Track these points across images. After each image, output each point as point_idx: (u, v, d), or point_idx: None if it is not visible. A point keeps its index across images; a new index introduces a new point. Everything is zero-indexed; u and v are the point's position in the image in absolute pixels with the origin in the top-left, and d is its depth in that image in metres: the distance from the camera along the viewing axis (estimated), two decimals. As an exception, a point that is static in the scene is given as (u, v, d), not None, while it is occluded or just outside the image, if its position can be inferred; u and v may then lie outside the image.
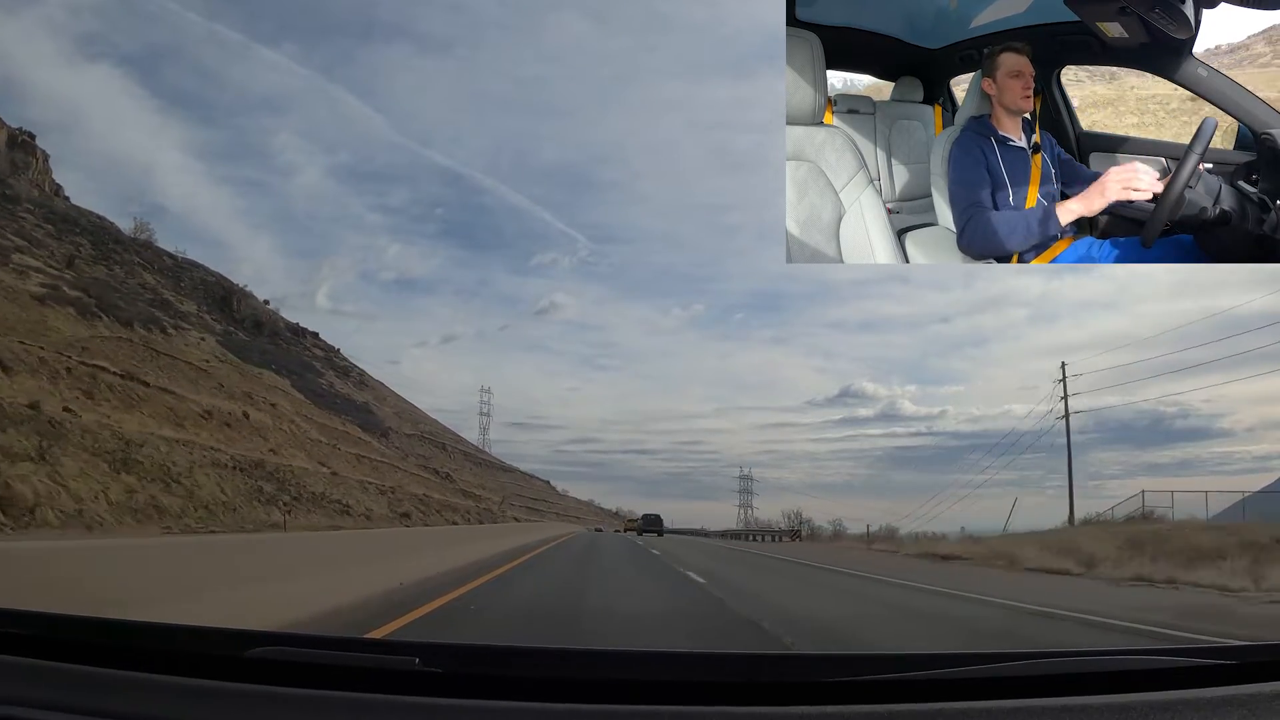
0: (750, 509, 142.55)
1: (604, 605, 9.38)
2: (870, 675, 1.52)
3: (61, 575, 4.34)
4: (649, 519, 59.18)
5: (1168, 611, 9.51)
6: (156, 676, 1.48)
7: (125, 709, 1.39)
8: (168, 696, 1.43)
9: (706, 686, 1.50)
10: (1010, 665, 1.59)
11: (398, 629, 6.42)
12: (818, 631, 7.68)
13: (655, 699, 1.44)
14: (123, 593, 4.38)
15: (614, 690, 1.47)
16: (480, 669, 1.58)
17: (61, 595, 3.93)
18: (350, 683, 1.46)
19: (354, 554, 9.97)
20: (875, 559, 24.63)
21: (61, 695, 1.42)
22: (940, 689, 1.49)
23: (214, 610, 5.11)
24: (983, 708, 1.43)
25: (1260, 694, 1.51)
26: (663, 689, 1.48)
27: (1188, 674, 1.61)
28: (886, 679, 1.51)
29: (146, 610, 3.96)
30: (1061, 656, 1.66)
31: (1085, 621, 8.44)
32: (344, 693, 1.43)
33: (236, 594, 5.78)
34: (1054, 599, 10.81)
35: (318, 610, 6.62)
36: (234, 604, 5.57)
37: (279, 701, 1.42)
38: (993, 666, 1.58)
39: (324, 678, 1.48)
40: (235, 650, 1.57)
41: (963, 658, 1.62)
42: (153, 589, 4.74)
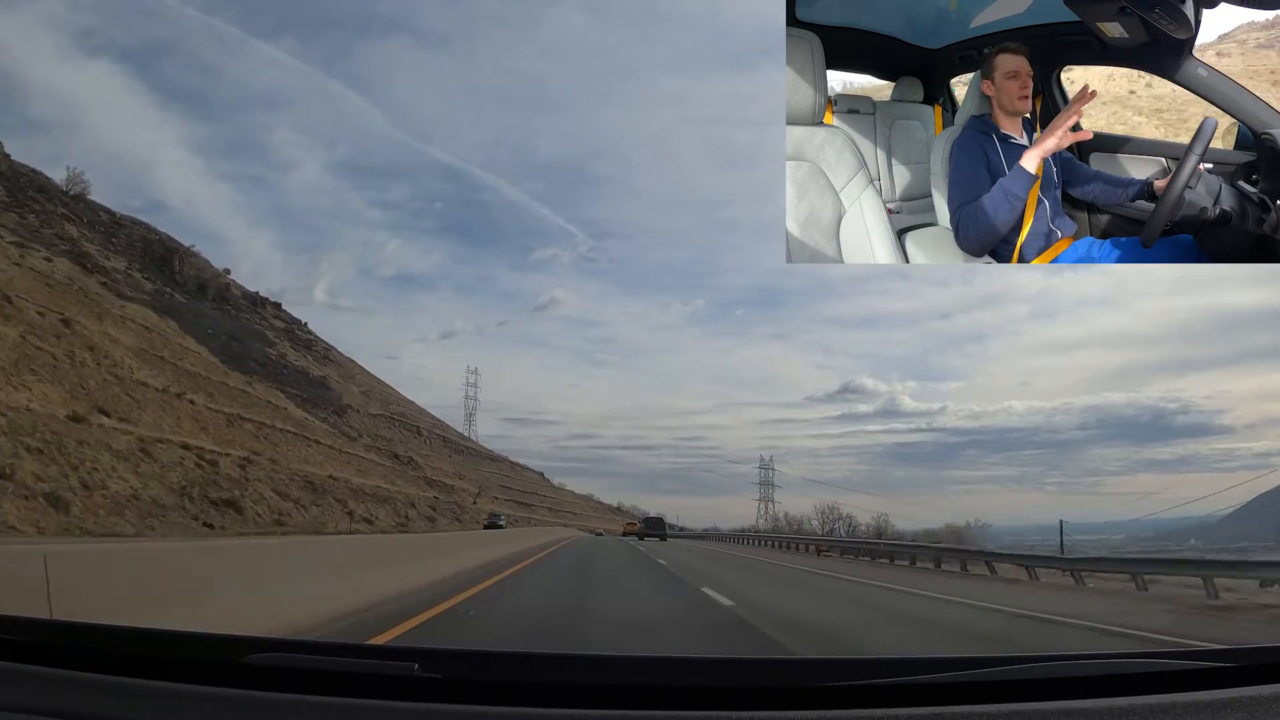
0: (771, 503, 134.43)
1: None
2: (869, 679, 1.52)
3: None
4: (650, 522, 57.84)
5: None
6: (155, 683, 1.48)
7: (125, 715, 1.40)
8: (166, 703, 1.43)
9: (706, 691, 1.50)
10: (1008, 669, 1.59)
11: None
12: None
13: (655, 704, 1.44)
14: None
15: (614, 695, 1.47)
16: (479, 674, 1.59)
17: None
18: (349, 689, 1.46)
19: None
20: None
21: (60, 701, 1.42)
22: (939, 693, 1.49)
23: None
24: (982, 711, 1.43)
25: (1258, 696, 1.52)
26: (662, 694, 1.48)
27: (1186, 677, 1.61)
28: (885, 683, 1.51)
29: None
30: (1059, 660, 1.66)
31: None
32: (343, 699, 1.43)
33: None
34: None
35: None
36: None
37: (278, 708, 1.42)
38: (991, 670, 1.58)
39: (323, 684, 1.48)
40: (234, 656, 1.57)
41: (961, 661, 1.62)
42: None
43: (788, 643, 6.83)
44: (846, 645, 7.23)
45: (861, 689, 1.49)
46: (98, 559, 5.01)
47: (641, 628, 8.12)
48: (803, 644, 6.96)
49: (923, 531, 65.76)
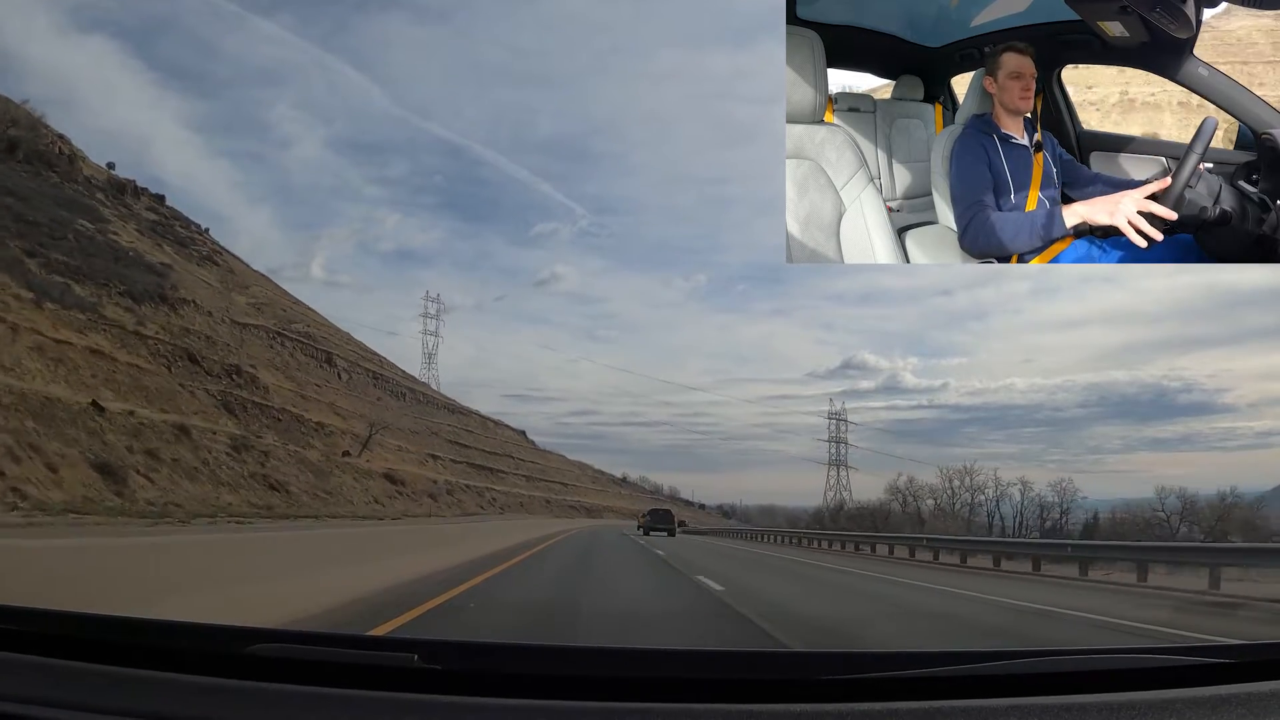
0: (843, 468, 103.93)
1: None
2: (868, 673, 1.52)
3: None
4: (657, 514, 52.14)
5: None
6: (155, 673, 1.48)
7: (124, 705, 1.39)
8: (166, 693, 1.43)
9: (704, 684, 1.50)
10: (1009, 664, 1.59)
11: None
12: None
13: (653, 696, 1.44)
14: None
15: (612, 687, 1.47)
16: (479, 666, 1.59)
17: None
18: (349, 680, 1.46)
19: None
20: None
21: (60, 692, 1.42)
22: (938, 687, 1.49)
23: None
24: (980, 706, 1.43)
25: (1258, 693, 1.52)
26: (661, 686, 1.48)
27: (1185, 673, 1.62)
28: (885, 676, 1.51)
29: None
30: (1060, 655, 1.66)
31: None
32: (343, 690, 1.43)
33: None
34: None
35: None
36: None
37: (278, 698, 1.42)
38: (991, 665, 1.58)
39: (323, 675, 1.48)
40: (235, 647, 1.57)
41: (961, 655, 1.62)
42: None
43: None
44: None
45: (862, 682, 1.49)
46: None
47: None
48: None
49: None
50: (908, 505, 55.91)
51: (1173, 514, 43.67)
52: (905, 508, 55.71)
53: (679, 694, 1.45)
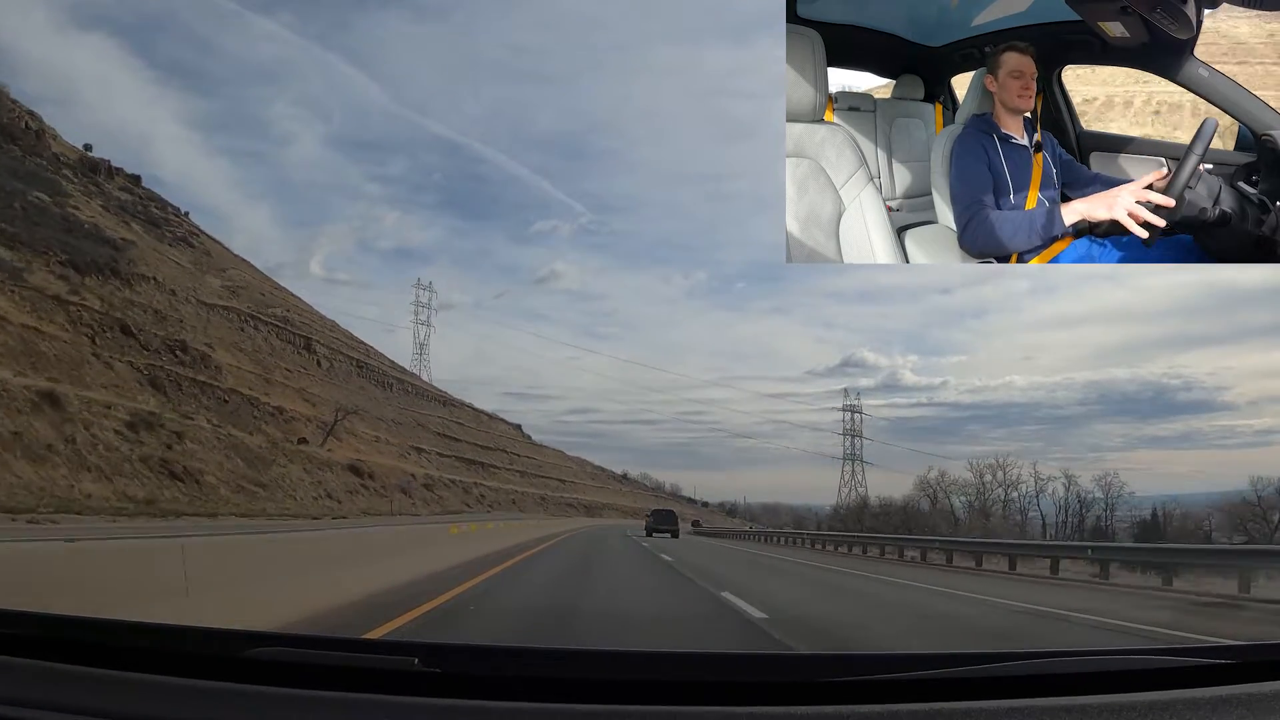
0: (859, 462, 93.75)
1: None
2: (870, 675, 1.52)
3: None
4: (659, 515, 49.35)
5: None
6: (155, 677, 1.48)
7: (123, 709, 1.39)
8: (166, 697, 1.43)
9: (706, 686, 1.50)
10: (1009, 665, 1.59)
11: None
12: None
13: (655, 699, 1.44)
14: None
15: (614, 690, 1.47)
16: (480, 669, 1.58)
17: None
18: (349, 683, 1.46)
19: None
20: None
21: (59, 695, 1.41)
22: (939, 689, 1.49)
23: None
24: (981, 708, 1.43)
25: (1258, 694, 1.52)
26: (663, 689, 1.48)
27: (1186, 674, 1.62)
28: (886, 679, 1.51)
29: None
30: (1060, 656, 1.66)
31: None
32: (343, 693, 1.43)
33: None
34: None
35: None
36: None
37: (278, 702, 1.42)
38: (991, 666, 1.58)
39: (323, 678, 1.48)
40: (234, 650, 1.56)
41: (962, 658, 1.62)
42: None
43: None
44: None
45: (863, 685, 1.49)
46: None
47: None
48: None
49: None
50: (938, 502, 50.69)
51: (1270, 509, 39.54)
52: (936, 504, 50.63)
53: (679, 697, 1.45)
